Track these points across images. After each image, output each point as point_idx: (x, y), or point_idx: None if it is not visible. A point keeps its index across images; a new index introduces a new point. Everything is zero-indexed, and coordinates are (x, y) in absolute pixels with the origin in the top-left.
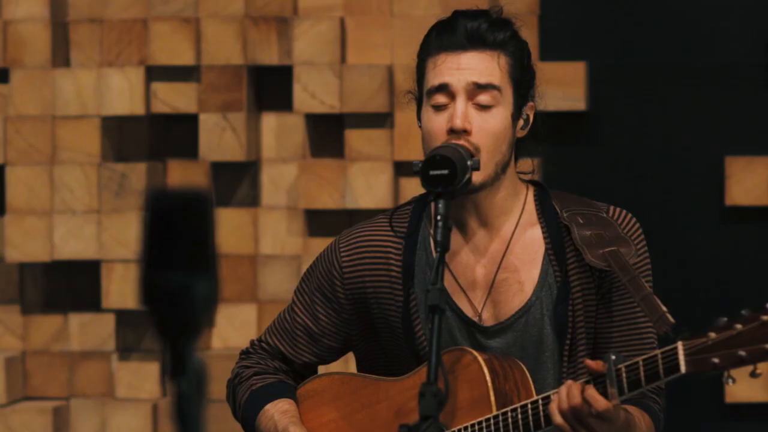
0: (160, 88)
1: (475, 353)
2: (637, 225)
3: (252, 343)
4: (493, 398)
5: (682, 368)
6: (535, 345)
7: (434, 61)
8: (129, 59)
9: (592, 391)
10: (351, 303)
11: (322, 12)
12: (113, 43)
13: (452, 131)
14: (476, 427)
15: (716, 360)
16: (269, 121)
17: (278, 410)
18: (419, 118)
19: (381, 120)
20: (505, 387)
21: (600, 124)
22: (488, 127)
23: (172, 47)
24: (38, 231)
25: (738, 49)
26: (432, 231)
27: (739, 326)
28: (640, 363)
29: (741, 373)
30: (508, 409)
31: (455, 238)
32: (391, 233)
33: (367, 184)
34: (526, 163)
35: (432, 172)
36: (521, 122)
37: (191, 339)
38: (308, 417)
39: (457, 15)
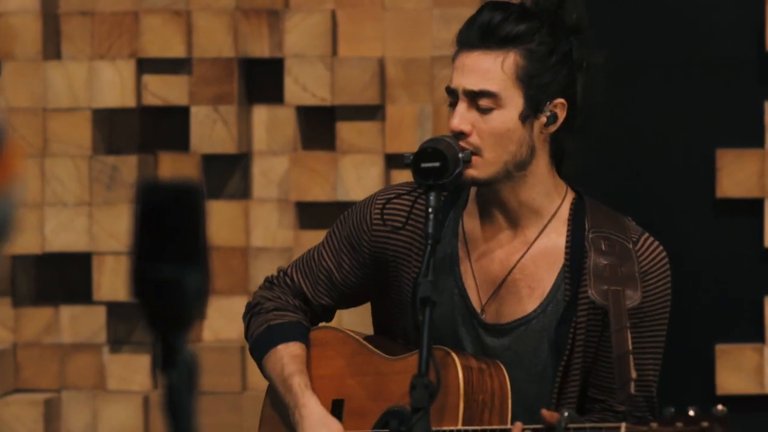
0: (151, 80)
1: (456, 358)
2: (664, 262)
3: (279, 272)
4: (461, 411)
5: None
6: (530, 356)
7: (456, 57)
8: (120, 52)
9: None
10: (373, 259)
11: (313, 5)
12: (104, 35)
13: (453, 132)
14: None
15: None
16: (260, 113)
17: (288, 353)
18: None
19: (372, 112)
20: (478, 398)
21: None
22: (487, 129)
23: (163, 40)
24: (29, 223)
25: (729, 43)
26: (466, 211)
27: (679, 424)
28: (588, 429)
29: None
30: (471, 429)
31: (483, 227)
32: (422, 204)
33: (359, 176)
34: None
35: (423, 165)
36: (543, 119)
37: (182, 331)
38: (313, 365)
39: (483, 7)
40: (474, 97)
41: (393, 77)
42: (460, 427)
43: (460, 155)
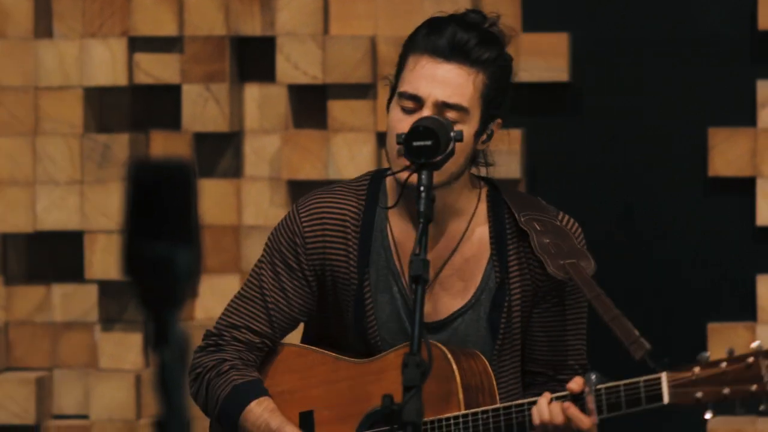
0: (142, 59)
1: (443, 348)
2: (583, 237)
3: (218, 334)
4: (461, 395)
5: (665, 399)
6: (469, 346)
7: (415, 61)
8: (112, 30)
9: (574, 410)
10: (312, 273)
11: None
12: (96, 14)
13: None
14: (444, 423)
15: (699, 395)
16: (252, 92)
17: (265, 409)
18: (389, 105)
19: (364, 91)
20: (472, 383)
21: (583, 95)
22: None
23: (154, 18)
24: (21, 202)
25: (722, 21)
26: (389, 211)
27: (724, 365)
28: (621, 388)
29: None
30: (479, 410)
31: (408, 231)
32: (350, 207)
33: (350, 154)
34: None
35: (415, 143)
36: (484, 137)
37: (174, 310)
38: (266, 383)
39: (452, 19)
40: (443, 108)
41: (385, 55)
42: (463, 410)
43: (452, 134)
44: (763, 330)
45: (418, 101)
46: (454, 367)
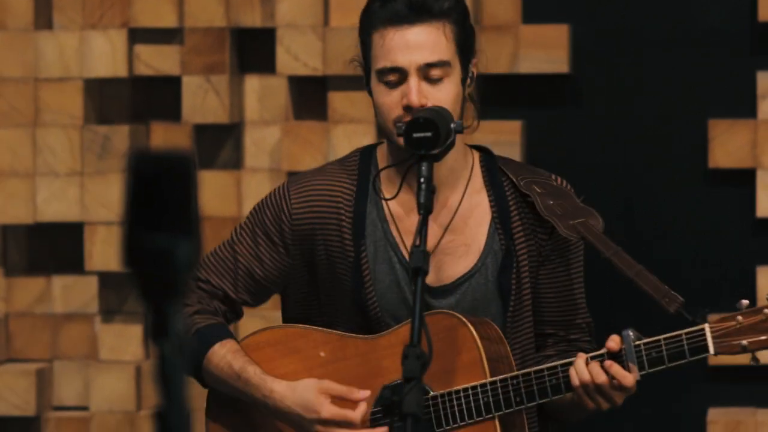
0: (142, 50)
1: (461, 317)
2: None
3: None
4: (485, 363)
5: (711, 349)
6: (477, 310)
7: (381, 35)
8: (112, 21)
9: (617, 368)
10: (297, 249)
11: None
12: (96, 5)
13: (408, 108)
14: (471, 391)
15: (745, 342)
16: (252, 83)
17: (229, 350)
18: (368, 84)
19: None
20: (492, 350)
21: (583, 87)
22: (443, 98)
23: (154, 9)
24: (21, 193)
25: (722, 13)
26: (381, 184)
27: (767, 311)
28: (662, 342)
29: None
30: (508, 376)
31: (406, 200)
32: (341, 184)
33: (351, 146)
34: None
35: (415, 135)
36: (468, 80)
37: (174, 301)
38: (271, 366)
39: None
40: (427, 70)
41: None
42: (490, 378)
43: (452, 125)
44: None
45: (401, 72)
46: (475, 335)
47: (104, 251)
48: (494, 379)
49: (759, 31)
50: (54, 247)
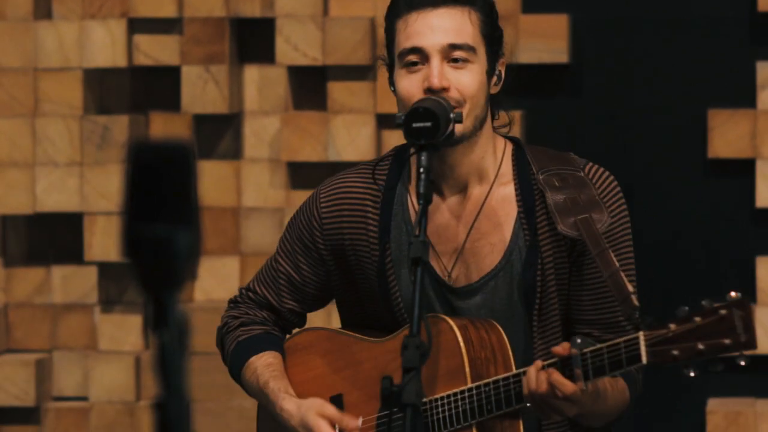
0: (142, 40)
1: (450, 321)
2: (615, 184)
3: (240, 291)
4: (467, 369)
5: (644, 359)
6: (504, 308)
7: (405, 21)
8: (111, 11)
9: (557, 376)
10: (330, 254)
11: None
12: None
13: (430, 90)
14: (451, 398)
15: (676, 352)
16: (252, 73)
17: (262, 363)
18: (392, 83)
19: (363, 72)
20: (481, 355)
21: (582, 76)
22: (465, 82)
23: (154, 0)
24: (20, 183)
25: (721, 2)
26: (411, 185)
27: (698, 319)
28: (605, 350)
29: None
30: (482, 383)
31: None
32: (370, 185)
33: (350, 136)
34: (503, 117)
35: (415, 125)
36: (494, 78)
37: (174, 291)
38: (296, 370)
39: None
40: (450, 53)
41: (384, 37)
42: (470, 385)
43: (452, 115)
44: (762, 312)
45: (422, 54)
46: (460, 340)
47: (104, 241)
48: (471, 385)
49: (759, 21)
50: (53, 237)
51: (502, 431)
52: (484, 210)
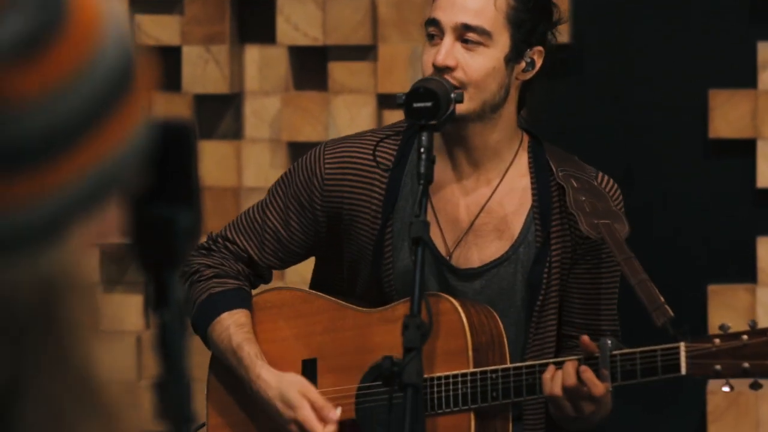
0: (143, 20)
1: (454, 302)
2: (622, 199)
3: (214, 239)
4: (470, 353)
5: (683, 370)
6: (503, 297)
7: None
8: None
9: (590, 375)
10: (325, 215)
11: None
12: None
13: (435, 67)
14: (451, 379)
15: (719, 367)
16: (252, 53)
17: (234, 322)
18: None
19: (364, 52)
20: (482, 340)
21: (583, 56)
22: (473, 65)
23: None
24: None
25: None
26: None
27: (745, 337)
28: (637, 355)
29: (728, 300)
30: (488, 369)
31: (444, 172)
32: (380, 154)
33: (351, 116)
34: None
35: (415, 105)
36: (522, 65)
37: (174, 271)
38: (262, 329)
39: None
40: (464, 33)
41: (385, 17)
42: (472, 369)
43: (452, 95)
44: (763, 292)
45: (439, 28)
46: (465, 322)
47: None
48: (474, 370)
49: (759, 1)
50: None
51: (494, 419)
52: (496, 194)
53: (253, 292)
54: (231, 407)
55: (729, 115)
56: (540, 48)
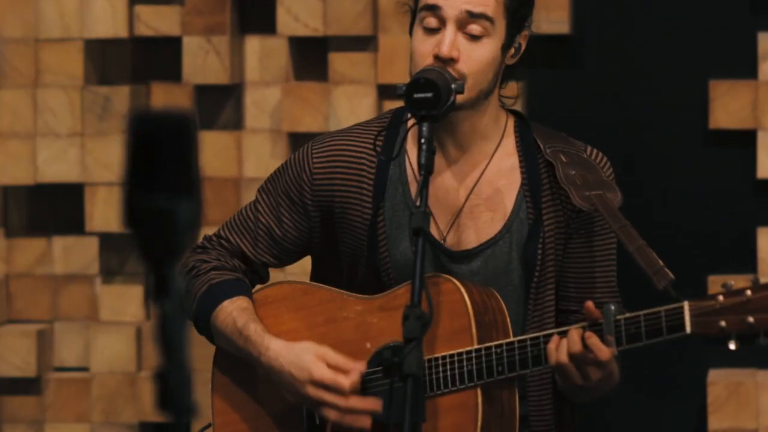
0: (143, 11)
1: (455, 281)
2: (612, 169)
3: (209, 238)
4: (474, 330)
5: (688, 328)
6: (498, 277)
7: None
8: None
9: (595, 340)
10: (317, 209)
11: None
12: None
13: (438, 58)
14: (456, 358)
15: (723, 323)
16: (253, 44)
17: (237, 307)
18: (411, 34)
19: (365, 43)
20: (485, 318)
21: (584, 47)
22: (476, 57)
23: None
24: (21, 154)
25: None
26: (408, 145)
27: (749, 293)
28: (642, 317)
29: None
30: (492, 344)
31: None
32: (367, 146)
33: (351, 107)
34: (511, 89)
35: (416, 95)
36: (512, 51)
37: (175, 262)
38: (265, 324)
39: None
40: (466, 22)
41: (385, 7)
42: (476, 345)
43: (453, 86)
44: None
45: (440, 17)
46: (467, 301)
47: (105, 212)
48: (479, 346)
49: None
50: (54, 208)
51: (501, 395)
52: (485, 175)
53: (252, 289)
54: (237, 404)
55: (729, 106)
56: (526, 33)
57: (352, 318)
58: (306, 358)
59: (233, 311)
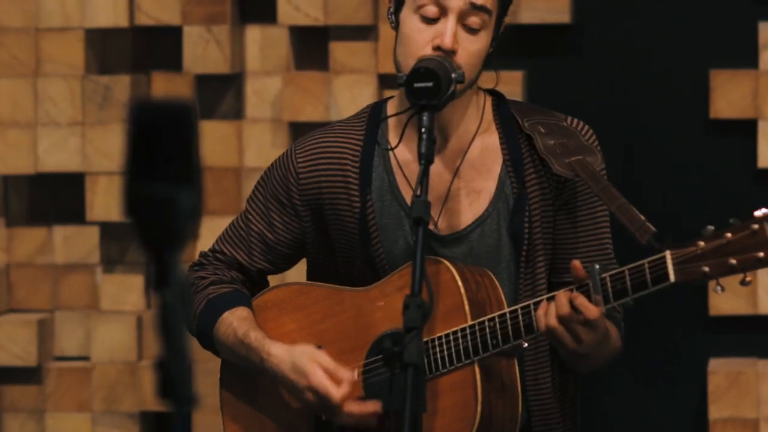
0: (144, 0)
1: (447, 263)
2: (595, 136)
3: (204, 254)
4: (467, 308)
5: (671, 277)
6: (491, 255)
7: None
8: None
9: (582, 300)
10: (307, 209)
11: None
12: None
13: (439, 49)
14: (451, 336)
15: (706, 269)
16: (253, 33)
17: (237, 317)
18: (396, 15)
19: (365, 33)
20: (478, 296)
21: (584, 36)
22: (473, 50)
23: None
24: (22, 143)
25: None
26: (390, 135)
27: (729, 235)
28: (626, 272)
29: (729, 282)
30: (485, 318)
31: (412, 146)
32: (348, 140)
33: (352, 96)
34: (492, 79)
35: (416, 85)
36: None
37: (175, 251)
38: (268, 327)
39: None
40: (467, 14)
41: None
42: (470, 321)
43: (453, 75)
44: (763, 273)
45: (441, 7)
46: (458, 278)
47: (105, 201)
48: (472, 323)
49: None
50: (55, 197)
51: (500, 369)
52: (467, 157)
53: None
54: (247, 418)
55: (730, 95)
56: (506, 21)
57: (350, 311)
58: (303, 361)
59: (233, 322)
